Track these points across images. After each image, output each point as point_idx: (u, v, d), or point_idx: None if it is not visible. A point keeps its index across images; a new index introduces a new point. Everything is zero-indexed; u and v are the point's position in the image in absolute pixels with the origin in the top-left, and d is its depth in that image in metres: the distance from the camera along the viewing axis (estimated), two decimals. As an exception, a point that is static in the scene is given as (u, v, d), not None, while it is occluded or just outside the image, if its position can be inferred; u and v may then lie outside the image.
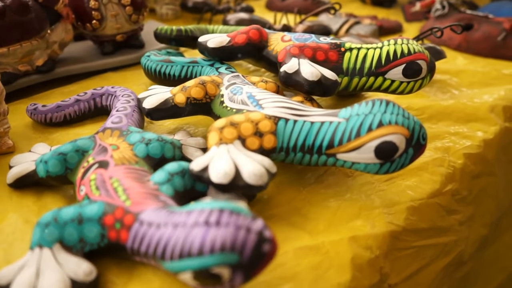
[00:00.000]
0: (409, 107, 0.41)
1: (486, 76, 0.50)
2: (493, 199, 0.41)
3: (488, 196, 0.39)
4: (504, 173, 0.42)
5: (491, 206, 0.40)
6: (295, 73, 0.33)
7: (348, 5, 0.79)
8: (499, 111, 0.43)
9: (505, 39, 0.56)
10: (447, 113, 0.41)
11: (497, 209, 0.43)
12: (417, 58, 0.35)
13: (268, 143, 0.28)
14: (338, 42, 0.37)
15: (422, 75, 0.35)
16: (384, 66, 0.35)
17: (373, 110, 0.27)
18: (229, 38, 0.39)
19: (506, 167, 0.43)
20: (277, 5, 0.73)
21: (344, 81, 0.37)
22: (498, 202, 0.43)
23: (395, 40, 0.36)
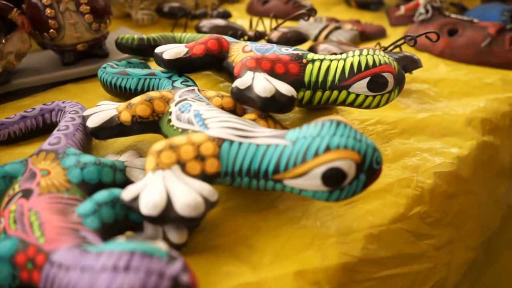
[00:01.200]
0: (380, 121, 0.40)
1: (467, 85, 0.48)
2: (476, 220, 0.39)
3: (470, 217, 0.37)
4: (488, 190, 0.40)
5: (475, 228, 0.38)
6: (247, 89, 0.31)
7: (334, 8, 0.78)
8: (477, 124, 0.41)
9: (489, 45, 0.54)
10: (421, 127, 0.39)
11: (483, 230, 0.41)
12: (383, 70, 0.33)
13: (210, 168, 0.26)
14: (300, 53, 0.35)
15: (388, 89, 0.33)
16: (348, 79, 0.33)
17: (322, 133, 0.25)
18: (187, 49, 0.38)
19: (490, 183, 0.41)
20: (257, 9, 0.71)
21: (306, 95, 0.35)
22: (483, 222, 0.41)
23: (360, 51, 0.34)
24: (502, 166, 0.42)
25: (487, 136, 0.41)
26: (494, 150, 0.41)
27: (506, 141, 0.43)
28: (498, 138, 0.42)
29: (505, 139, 0.43)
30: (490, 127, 0.42)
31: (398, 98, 0.45)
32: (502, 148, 0.42)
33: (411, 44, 0.42)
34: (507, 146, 0.43)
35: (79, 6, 0.45)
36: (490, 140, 0.41)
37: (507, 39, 0.54)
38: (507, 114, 0.44)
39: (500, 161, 0.42)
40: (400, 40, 0.43)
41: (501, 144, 0.42)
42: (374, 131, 0.39)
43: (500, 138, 0.42)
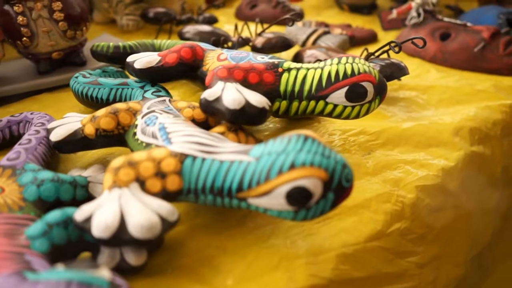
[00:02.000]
0: (363, 131, 0.39)
1: (457, 92, 0.47)
2: (464, 234, 0.38)
3: (458, 231, 0.36)
4: (478, 202, 0.39)
5: (464, 242, 0.37)
6: (216, 101, 0.30)
7: (325, 12, 0.77)
8: (465, 134, 0.40)
9: (483, 50, 0.53)
10: (406, 137, 0.38)
11: (473, 244, 0.39)
12: (362, 79, 0.32)
13: (172, 185, 0.25)
14: (276, 61, 0.34)
15: (368, 99, 0.32)
16: (325, 89, 0.32)
17: (287, 148, 0.24)
18: (159, 58, 0.37)
19: (480, 195, 0.40)
20: (245, 13, 0.71)
21: (282, 106, 0.34)
22: (473, 236, 0.39)
23: (339, 59, 0.33)
24: (493, 177, 0.41)
25: (476, 146, 0.40)
26: (484, 160, 0.40)
27: (497, 151, 0.42)
28: (489, 147, 0.41)
29: (496, 149, 0.41)
30: (480, 137, 0.41)
31: (384, 106, 0.44)
32: (493, 158, 0.41)
33: (396, 51, 0.41)
34: (498, 156, 0.41)
35: (52, 13, 0.44)
36: (479, 150, 0.39)
37: (501, 44, 0.53)
38: (499, 123, 0.43)
39: (490, 172, 0.41)
40: (385, 46, 0.42)
41: (491, 154, 0.41)
42: (356, 142, 0.38)
43: (490, 148, 0.41)
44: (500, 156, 0.42)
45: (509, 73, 0.52)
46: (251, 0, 0.72)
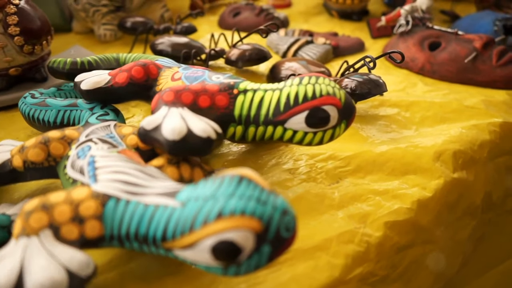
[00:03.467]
0: (333, 156, 0.35)
1: (443, 109, 0.43)
2: (430, 270, 0.34)
3: (423, 268, 0.33)
4: (451, 233, 0.35)
5: (427, 278, 0.33)
6: (154, 130, 0.27)
7: (313, 18, 0.73)
8: (448, 158, 0.36)
9: (474, 60, 0.50)
10: (380, 163, 0.35)
11: (438, 278, 0.36)
12: (324, 103, 0.29)
13: (91, 231, 0.22)
14: (231, 82, 0.31)
15: (331, 124, 0.29)
16: (283, 113, 0.29)
17: (217, 193, 0.20)
18: (110, 77, 0.34)
19: (455, 226, 0.36)
20: (228, 21, 0.68)
21: (238, 131, 0.31)
22: (439, 270, 0.36)
23: (300, 80, 0.30)
24: (473, 205, 0.37)
25: (458, 172, 0.36)
26: (465, 188, 0.36)
27: (481, 176, 0.38)
28: (472, 173, 0.37)
29: (480, 174, 0.38)
30: (464, 161, 0.37)
31: (360, 126, 0.41)
32: (475, 185, 0.37)
33: (370, 67, 0.38)
34: (481, 182, 0.38)
35: (7, 27, 0.41)
36: (461, 177, 0.36)
37: (494, 54, 0.49)
38: (486, 145, 0.39)
39: (470, 200, 0.37)
40: (359, 61, 0.39)
41: (474, 180, 0.37)
42: (324, 168, 0.34)
43: (474, 173, 0.37)
44: (483, 181, 0.38)
45: (503, 86, 0.48)
46: (234, 8, 0.69)
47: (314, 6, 0.77)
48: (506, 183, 0.43)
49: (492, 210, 0.41)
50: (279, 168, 0.34)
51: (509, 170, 0.43)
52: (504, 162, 0.42)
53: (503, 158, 0.42)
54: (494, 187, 0.41)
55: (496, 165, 0.41)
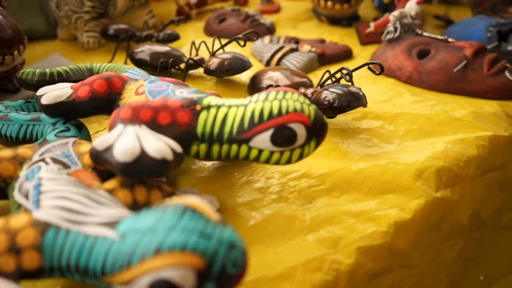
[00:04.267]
0: (307, 174, 0.33)
1: (429, 122, 0.41)
2: None
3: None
4: (435, 256, 0.33)
5: None
6: (106, 151, 0.25)
7: (302, 24, 0.72)
8: (430, 176, 0.34)
9: (465, 69, 0.48)
10: (357, 181, 0.33)
11: None
12: (290, 120, 0.27)
13: (29, 263, 0.21)
14: (195, 97, 0.30)
15: (298, 143, 0.27)
16: (247, 131, 0.28)
17: (158, 225, 0.19)
18: (72, 91, 0.32)
19: (439, 248, 0.34)
20: (213, 28, 0.66)
21: (202, 149, 0.29)
22: None
23: (266, 95, 0.28)
24: (459, 224, 0.35)
25: (442, 190, 0.34)
26: (450, 207, 0.34)
27: (467, 194, 0.36)
28: (457, 191, 0.35)
29: (466, 192, 0.36)
30: (448, 178, 0.35)
31: (340, 139, 0.39)
32: (461, 204, 0.35)
33: (347, 79, 0.36)
34: (467, 200, 0.36)
35: (-27, 37, 0.40)
36: (445, 196, 0.34)
37: (485, 62, 0.48)
38: (473, 160, 0.37)
39: (456, 220, 0.35)
40: (336, 72, 0.37)
41: (459, 198, 0.35)
42: (296, 187, 0.32)
43: (459, 192, 0.35)
44: (470, 200, 0.36)
45: (494, 97, 0.47)
46: (220, 14, 0.68)
47: (303, 11, 0.75)
48: (497, 199, 0.41)
49: (482, 228, 0.39)
50: (250, 186, 0.33)
51: (501, 186, 0.41)
52: (495, 178, 0.40)
53: (493, 174, 0.40)
54: (483, 205, 0.39)
55: (485, 181, 0.39)
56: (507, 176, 0.42)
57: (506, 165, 0.42)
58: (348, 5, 0.68)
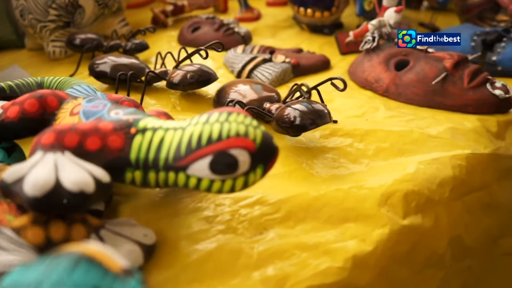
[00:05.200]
0: (261, 200, 0.31)
1: (402, 139, 0.39)
2: None
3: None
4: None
5: None
6: (16, 183, 0.23)
7: (282, 32, 0.69)
8: (397, 202, 0.32)
9: (444, 82, 0.45)
10: (316, 208, 0.30)
11: None
12: (231, 146, 0.24)
13: None
14: (131, 119, 0.27)
15: (241, 170, 0.25)
16: (184, 158, 0.25)
17: (46, 279, 0.16)
18: (1, 111, 0.30)
19: (414, 281, 0.31)
20: (186, 37, 0.64)
21: (137, 177, 0.26)
22: None
23: (208, 116, 0.26)
24: (435, 254, 0.32)
25: (411, 217, 0.31)
26: (421, 236, 0.31)
27: (443, 220, 0.33)
28: (430, 217, 0.33)
29: (442, 217, 0.33)
30: (418, 203, 0.32)
31: (305, 160, 0.36)
32: (436, 231, 0.32)
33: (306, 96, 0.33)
34: (444, 227, 0.33)
35: None
36: (415, 223, 0.31)
37: (466, 75, 0.45)
38: (448, 182, 0.35)
39: (431, 249, 0.32)
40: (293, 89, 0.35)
41: (434, 225, 0.32)
42: (248, 216, 0.30)
43: (433, 217, 0.33)
44: (447, 225, 0.34)
45: (474, 111, 0.44)
46: (194, 22, 0.65)
47: (284, 19, 0.73)
48: (484, 223, 0.38)
49: (471, 256, 0.37)
50: (197, 215, 0.30)
51: (486, 208, 0.38)
52: (477, 200, 0.37)
53: (474, 196, 0.37)
54: (466, 230, 0.36)
55: (465, 204, 0.36)
56: (493, 197, 0.39)
57: (490, 185, 0.39)
58: (329, 12, 0.65)
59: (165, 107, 0.46)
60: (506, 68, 0.53)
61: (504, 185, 0.41)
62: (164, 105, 0.47)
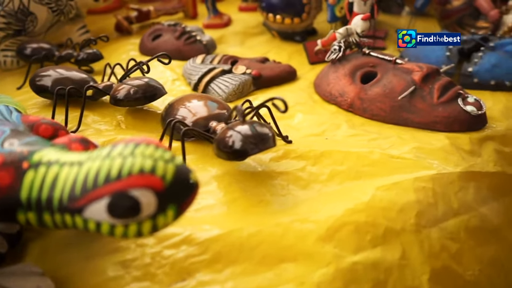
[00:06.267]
0: (188, 239, 0.27)
1: (361, 161, 0.36)
2: None
3: None
4: None
5: None
6: None
7: (251, 40, 0.66)
8: (347, 236, 0.28)
9: (412, 96, 0.42)
10: (250, 247, 0.27)
11: None
12: (131, 185, 0.21)
13: None
14: (25, 151, 0.24)
15: (146, 213, 0.21)
16: (79, 199, 0.22)
17: None
18: None
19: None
20: (147, 45, 0.60)
21: (31, 218, 0.23)
22: None
23: (110, 149, 0.22)
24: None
25: (366, 251, 0.28)
26: (387, 271, 0.28)
27: (414, 250, 0.30)
28: (395, 249, 0.29)
29: (412, 248, 0.30)
30: (375, 235, 0.29)
31: (248, 188, 0.33)
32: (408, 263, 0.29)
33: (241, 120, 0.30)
34: (417, 258, 0.29)
35: None
36: (372, 258, 0.28)
37: (436, 89, 0.42)
38: (411, 208, 0.31)
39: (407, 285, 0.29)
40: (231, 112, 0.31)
41: (402, 257, 0.29)
42: (170, 259, 0.26)
43: (398, 249, 0.29)
44: (423, 257, 0.30)
45: (443, 128, 0.41)
46: (155, 30, 0.62)
47: (254, 25, 0.70)
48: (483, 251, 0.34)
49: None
50: (114, 257, 0.27)
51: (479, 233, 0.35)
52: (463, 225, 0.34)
53: (457, 220, 0.33)
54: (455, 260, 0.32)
55: (445, 230, 0.32)
56: (485, 221, 0.35)
57: (476, 207, 0.35)
58: (299, 19, 0.62)
59: (109, 125, 0.43)
60: (482, 80, 0.50)
61: (495, 208, 0.37)
62: (109, 122, 0.43)
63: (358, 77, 0.46)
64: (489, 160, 0.38)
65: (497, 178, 0.38)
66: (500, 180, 0.38)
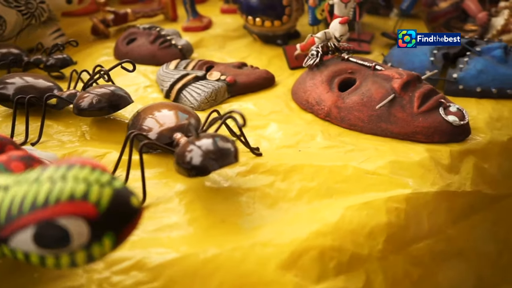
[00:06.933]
0: (139, 264, 0.26)
1: (333, 176, 0.34)
2: None
3: None
4: None
5: None
6: None
7: (232, 43, 0.64)
8: (310, 262, 0.27)
9: (391, 105, 0.40)
10: (205, 274, 0.25)
11: None
12: (58, 213, 0.19)
13: None
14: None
15: (77, 243, 0.20)
16: (4, 228, 0.20)
17: None
18: None
19: None
20: (121, 50, 0.59)
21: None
22: None
23: (40, 172, 0.21)
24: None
25: (328, 280, 0.26)
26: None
27: (378, 279, 0.28)
28: (359, 277, 0.28)
29: (376, 276, 0.28)
30: (340, 262, 0.27)
31: (212, 205, 0.31)
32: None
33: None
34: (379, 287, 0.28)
35: None
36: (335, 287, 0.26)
37: (416, 98, 0.40)
38: (380, 232, 0.30)
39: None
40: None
41: (365, 286, 0.27)
42: (120, 285, 0.25)
43: (362, 277, 0.28)
44: (385, 285, 0.28)
45: (424, 139, 0.39)
46: (130, 33, 0.60)
47: (235, 28, 0.68)
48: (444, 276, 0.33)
49: None
50: (59, 284, 0.25)
51: (443, 257, 0.33)
52: (428, 249, 0.33)
53: (423, 245, 0.32)
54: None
55: (410, 256, 0.31)
56: (450, 244, 0.34)
57: (444, 229, 0.34)
58: (279, 22, 0.60)
59: (73, 135, 0.41)
60: (468, 87, 0.48)
61: (462, 228, 0.36)
62: (73, 132, 0.42)
63: (336, 84, 0.44)
64: (466, 177, 0.37)
65: (472, 197, 0.36)
66: (474, 199, 0.37)
